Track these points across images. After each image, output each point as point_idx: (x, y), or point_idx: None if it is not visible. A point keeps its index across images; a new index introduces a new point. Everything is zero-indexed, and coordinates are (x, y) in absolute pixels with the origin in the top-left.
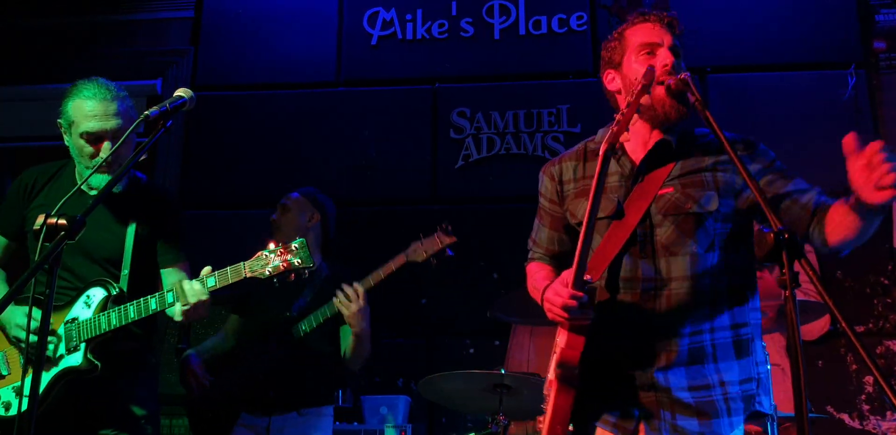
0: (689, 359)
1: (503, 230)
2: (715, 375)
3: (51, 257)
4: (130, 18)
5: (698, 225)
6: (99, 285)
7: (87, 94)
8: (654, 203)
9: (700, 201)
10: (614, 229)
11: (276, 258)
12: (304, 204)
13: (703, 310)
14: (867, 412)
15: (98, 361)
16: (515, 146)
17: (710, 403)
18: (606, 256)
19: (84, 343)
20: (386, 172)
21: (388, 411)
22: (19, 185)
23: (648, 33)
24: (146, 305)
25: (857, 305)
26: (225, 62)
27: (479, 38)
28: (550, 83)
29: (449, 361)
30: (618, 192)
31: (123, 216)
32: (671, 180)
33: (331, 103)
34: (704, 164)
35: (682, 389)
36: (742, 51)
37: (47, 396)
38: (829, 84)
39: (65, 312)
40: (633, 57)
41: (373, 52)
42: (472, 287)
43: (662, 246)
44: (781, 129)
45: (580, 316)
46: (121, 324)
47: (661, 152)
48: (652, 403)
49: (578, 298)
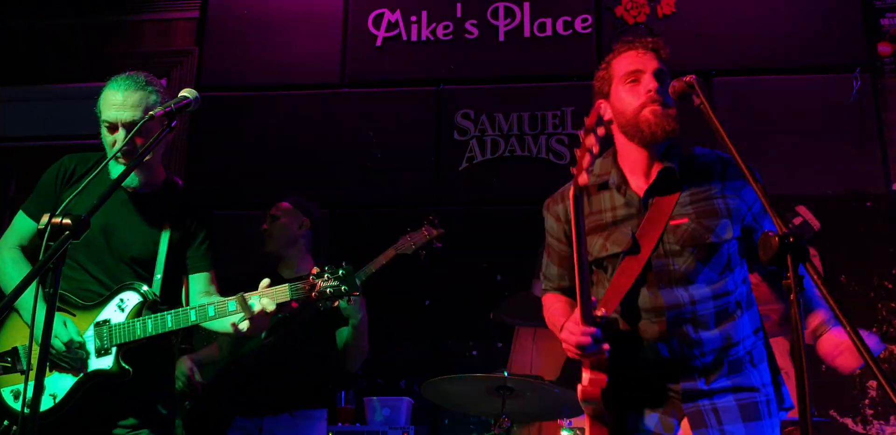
0: (730, 371)
1: (507, 233)
2: (757, 379)
3: (54, 257)
4: (136, 19)
5: (715, 252)
6: (133, 289)
7: (113, 86)
8: (667, 233)
9: (716, 230)
10: (628, 262)
11: (322, 284)
12: (293, 212)
13: (731, 324)
14: (871, 417)
15: (130, 367)
16: (520, 148)
17: (755, 404)
18: (620, 289)
19: (116, 347)
20: (390, 174)
21: (390, 413)
22: (58, 171)
23: (632, 61)
24: (185, 316)
25: (861, 309)
26: (229, 63)
27: (484, 40)
28: (555, 85)
29: (452, 363)
30: (629, 225)
31: (157, 219)
32: (683, 209)
33: (335, 104)
34: (713, 191)
35: (727, 390)
36: (747, 54)
37: (72, 397)
38: (834, 88)
39: (94, 313)
40: (619, 86)
41: (377, 53)
42: (476, 289)
43: (682, 275)
44: (786, 132)
45: (596, 351)
46: (156, 332)
47: (666, 181)
48: (696, 413)
49: (591, 334)
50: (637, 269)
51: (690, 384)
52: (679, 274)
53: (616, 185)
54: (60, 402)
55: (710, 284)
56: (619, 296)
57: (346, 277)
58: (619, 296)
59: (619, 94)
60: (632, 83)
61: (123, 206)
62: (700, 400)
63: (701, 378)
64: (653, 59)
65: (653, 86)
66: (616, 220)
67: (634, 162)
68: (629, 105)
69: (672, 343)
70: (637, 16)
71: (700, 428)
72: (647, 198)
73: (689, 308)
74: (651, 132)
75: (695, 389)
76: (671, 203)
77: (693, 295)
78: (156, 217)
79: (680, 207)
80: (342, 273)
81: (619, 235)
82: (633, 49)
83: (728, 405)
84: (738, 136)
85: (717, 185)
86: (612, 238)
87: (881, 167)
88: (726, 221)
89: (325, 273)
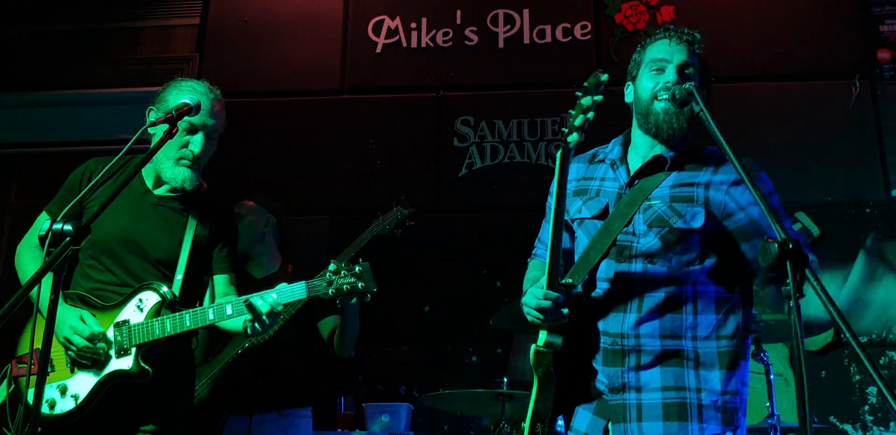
0: (664, 361)
1: (506, 239)
2: (693, 380)
3: (55, 264)
4: (137, 25)
5: (682, 239)
6: (152, 289)
7: (200, 90)
8: (640, 213)
9: (685, 217)
10: (601, 235)
11: (339, 280)
12: (258, 210)
13: (684, 317)
14: (870, 423)
15: (149, 367)
16: (519, 155)
17: (682, 405)
18: (590, 260)
19: (135, 348)
20: (389, 180)
21: (390, 419)
22: (83, 174)
23: (662, 49)
24: (203, 315)
25: None
26: (230, 69)
27: (484, 46)
28: (554, 92)
29: (452, 368)
30: (609, 197)
31: (182, 221)
32: (661, 192)
33: (335, 111)
34: (698, 180)
35: (655, 389)
36: (746, 61)
37: (94, 397)
38: (833, 94)
39: (114, 313)
40: (644, 72)
41: (377, 59)
42: (475, 295)
43: (643, 254)
44: (784, 139)
45: (554, 316)
46: (175, 332)
47: (657, 165)
48: (619, 406)
49: (553, 299)
50: (607, 242)
51: (616, 370)
52: (640, 252)
53: (612, 161)
54: (82, 403)
55: (668, 269)
56: (588, 267)
57: (364, 274)
58: (588, 267)
59: (642, 79)
60: (655, 71)
61: (151, 208)
62: (624, 392)
63: (628, 365)
64: (682, 51)
65: (671, 78)
66: (600, 190)
67: (639, 145)
68: (646, 92)
69: (612, 320)
70: (637, 23)
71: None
72: (634, 178)
73: (639, 286)
74: (657, 125)
75: (619, 376)
76: (654, 186)
77: (647, 274)
78: (181, 219)
79: (659, 190)
80: (359, 270)
81: (595, 203)
82: (668, 38)
83: (654, 403)
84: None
85: (704, 177)
86: (588, 204)
87: (880, 173)
88: (699, 209)
89: (342, 270)
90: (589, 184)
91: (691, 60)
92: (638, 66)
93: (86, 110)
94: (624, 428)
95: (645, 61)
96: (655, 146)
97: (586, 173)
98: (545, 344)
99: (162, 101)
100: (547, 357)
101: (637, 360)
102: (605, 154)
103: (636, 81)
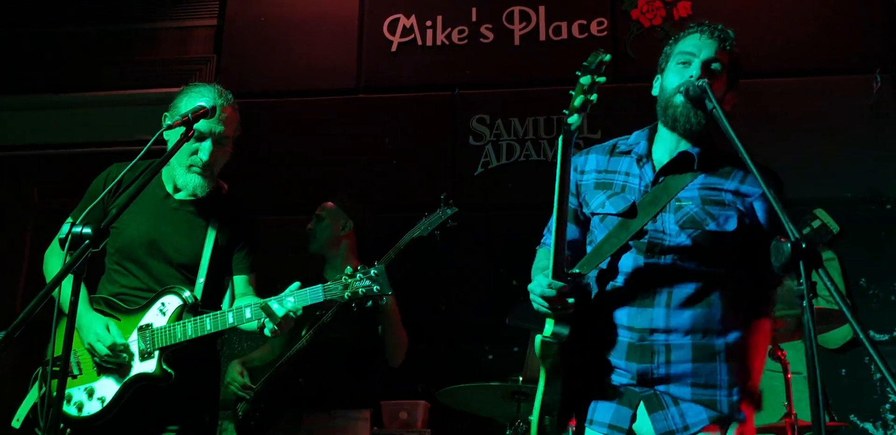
0: (695, 356)
1: (522, 237)
2: (726, 376)
3: (75, 266)
4: (155, 27)
5: (714, 242)
6: (174, 293)
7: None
8: (670, 211)
9: (719, 220)
10: (618, 229)
11: (355, 283)
12: (336, 212)
13: (713, 312)
14: (891, 421)
15: (172, 370)
16: (535, 153)
17: (713, 402)
18: (604, 252)
19: (158, 351)
20: (405, 179)
21: (407, 417)
22: (105, 179)
23: (692, 43)
24: (223, 319)
25: (881, 313)
26: (246, 70)
27: (499, 44)
28: (571, 89)
29: (468, 367)
30: (634, 193)
31: (203, 224)
32: (693, 192)
33: (350, 110)
34: (726, 187)
35: (685, 383)
36: (765, 56)
37: (119, 399)
38: (853, 89)
39: (138, 317)
40: (672, 65)
41: (393, 58)
42: (492, 294)
43: (673, 251)
44: (804, 135)
45: (559, 305)
46: (196, 335)
47: (684, 163)
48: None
49: (558, 288)
50: (625, 238)
51: (645, 366)
52: (670, 250)
53: (639, 156)
54: (109, 405)
55: (698, 266)
56: (600, 260)
57: (379, 277)
58: (600, 260)
59: (669, 72)
60: (682, 64)
61: (173, 213)
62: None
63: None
64: (711, 47)
65: (695, 73)
66: (624, 185)
67: (665, 140)
68: (669, 85)
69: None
70: (653, 18)
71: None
72: (660, 175)
73: (668, 282)
74: (674, 118)
75: (648, 371)
76: (681, 185)
77: (676, 271)
78: (202, 222)
79: (688, 191)
80: (374, 273)
81: (619, 199)
82: (700, 33)
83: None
84: (755, 139)
85: (731, 184)
86: (613, 199)
87: None
88: (732, 213)
89: (357, 273)
90: (613, 178)
91: (719, 57)
92: (667, 59)
93: (106, 112)
94: (665, 414)
95: (674, 54)
96: (680, 142)
97: (608, 166)
98: (552, 335)
99: (175, 108)
100: (553, 348)
101: (667, 356)
102: (630, 147)
103: (664, 74)
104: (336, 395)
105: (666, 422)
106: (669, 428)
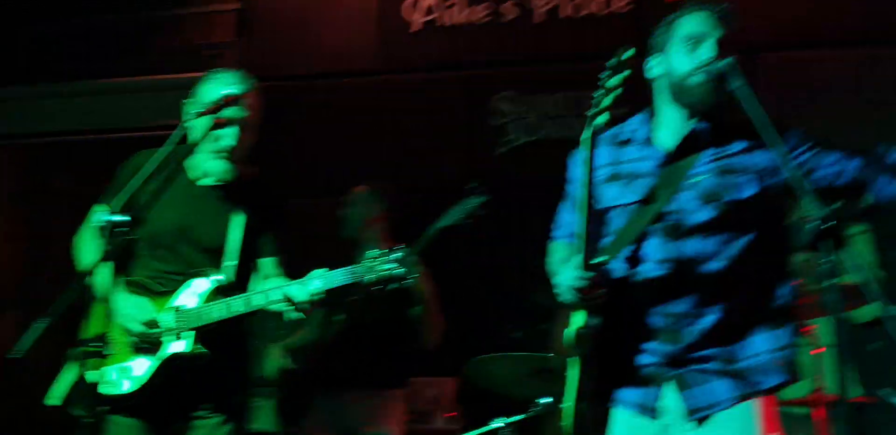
0: (723, 337)
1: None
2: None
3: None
4: (179, 12)
5: (735, 211)
6: (204, 276)
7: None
8: (687, 189)
9: (738, 188)
10: (638, 215)
11: (379, 266)
12: (368, 196)
13: (740, 287)
14: None
15: (205, 349)
16: (560, 130)
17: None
18: (627, 238)
19: (191, 331)
20: (427, 159)
21: (436, 394)
22: (133, 167)
23: (699, 23)
24: (251, 300)
25: None
26: (269, 53)
27: (521, 21)
28: (594, 66)
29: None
30: (648, 177)
31: (230, 208)
32: (705, 166)
33: (372, 90)
34: (738, 148)
35: (715, 362)
36: (799, 26)
37: (154, 378)
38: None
39: (171, 299)
40: (677, 46)
41: (414, 38)
42: (516, 273)
43: (697, 229)
44: (840, 110)
45: (590, 295)
46: (224, 317)
47: (694, 140)
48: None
49: (588, 278)
50: (646, 221)
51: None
52: (692, 229)
53: (643, 140)
54: (142, 385)
55: (724, 241)
56: (624, 245)
57: (403, 260)
58: (624, 245)
59: (676, 54)
60: (691, 45)
61: (200, 199)
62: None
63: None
64: (718, 26)
65: (711, 54)
66: (636, 171)
67: (669, 120)
68: (682, 66)
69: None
70: None
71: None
72: (671, 155)
73: (696, 264)
74: (696, 100)
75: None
76: (692, 162)
77: (703, 251)
78: (229, 207)
79: (703, 165)
80: (398, 256)
81: (635, 186)
82: (704, 10)
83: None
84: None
85: (744, 141)
86: (628, 187)
87: None
88: (746, 177)
89: (382, 256)
90: (622, 169)
91: (727, 36)
92: (668, 41)
93: (134, 97)
94: (695, 392)
95: (677, 35)
96: (689, 120)
97: (615, 157)
98: (586, 325)
99: (196, 95)
100: (586, 337)
101: (697, 336)
102: (630, 135)
103: (668, 56)
104: (371, 376)
105: (695, 399)
106: (698, 405)
